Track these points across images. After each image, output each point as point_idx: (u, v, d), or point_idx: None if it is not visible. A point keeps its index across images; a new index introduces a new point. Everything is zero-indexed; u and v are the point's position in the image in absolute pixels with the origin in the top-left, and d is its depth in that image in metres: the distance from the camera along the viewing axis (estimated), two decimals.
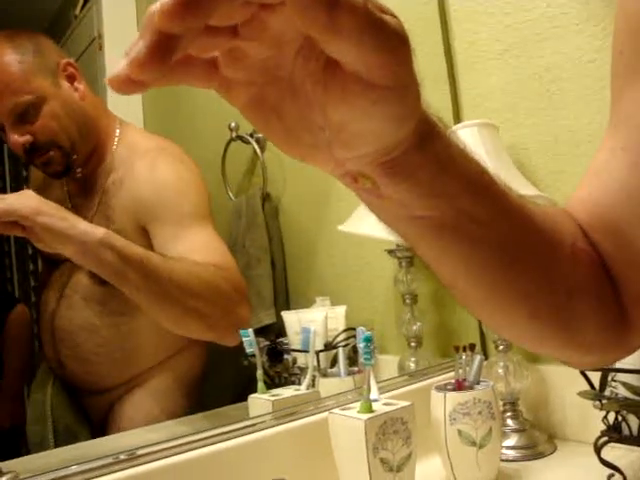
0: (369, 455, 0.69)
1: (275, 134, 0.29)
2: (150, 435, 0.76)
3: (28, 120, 0.87)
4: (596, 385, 0.78)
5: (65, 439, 0.91)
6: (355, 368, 0.94)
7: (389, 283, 1.10)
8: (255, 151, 1.23)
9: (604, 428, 0.77)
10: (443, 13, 1.15)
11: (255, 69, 0.26)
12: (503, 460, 0.87)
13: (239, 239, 1.20)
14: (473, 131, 0.95)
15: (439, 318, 1.12)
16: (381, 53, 0.24)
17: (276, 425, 0.77)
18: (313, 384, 0.87)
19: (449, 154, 0.33)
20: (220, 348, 0.90)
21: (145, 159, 0.95)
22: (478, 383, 0.83)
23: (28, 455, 0.89)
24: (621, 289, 0.42)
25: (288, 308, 1.14)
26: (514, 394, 0.94)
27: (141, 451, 0.66)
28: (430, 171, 0.32)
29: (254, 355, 0.86)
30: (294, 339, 1.03)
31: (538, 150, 1.00)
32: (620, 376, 0.78)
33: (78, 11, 1.21)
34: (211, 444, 0.71)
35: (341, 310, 1.06)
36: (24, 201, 0.73)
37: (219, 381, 1.08)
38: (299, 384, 0.88)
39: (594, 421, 0.78)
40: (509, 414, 0.94)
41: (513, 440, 0.91)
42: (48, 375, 0.96)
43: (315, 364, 0.90)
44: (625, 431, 0.76)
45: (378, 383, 0.83)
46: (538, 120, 1.00)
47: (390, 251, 1.04)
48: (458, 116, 1.12)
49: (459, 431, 0.78)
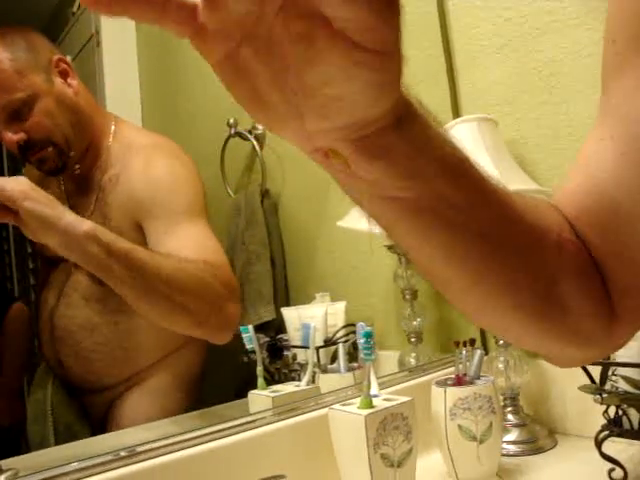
0: (370, 451, 0.69)
1: (246, 97, 0.28)
2: (150, 432, 0.76)
3: (22, 117, 0.87)
4: (596, 379, 0.78)
5: (65, 438, 0.91)
6: (355, 364, 0.94)
7: (389, 279, 1.10)
8: (254, 147, 1.23)
9: (605, 422, 0.77)
10: (442, 7, 1.14)
11: (234, 22, 0.25)
12: (504, 455, 0.87)
13: (238, 236, 1.20)
14: (472, 126, 0.95)
15: (439, 313, 1.12)
16: (378, 15, 0.24)
17: (276, 421, 0.77)
18: (313, 380, 0.87)
19: (427, 136, 0.33)
20: (219, 346, 0.89)
21: (140, 155, 0.94)
22: (478, 378, 0.83)
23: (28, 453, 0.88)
24: (608, 282, 0.42)
25: (288, 304, 1.14)
26: (514, 389, 0.94)
27: (141, 448, 0.66)
28: (405, 153, 0.31)
29: (254, 351, 0.86)
30: (294, 335, 1.03)
31: (538, 145, 1.00)
32: (621, 370, 0.77)
33: (75, 8, 1.21)
34: (211, 440, 0.71)
35: (341, 306, 1.06)
36: (14, 184, 0.72)
37: (219, 378, 1.08)
38: (299, 380, 0.88)
39: (594, 415, 0.78)
40: (509, 409, 0.94)
41: (514, 435, 0.91)
42: (48, 375, 0.95)
43: (315, 360, 0.90)
44: (626, 425, 0.76)
45: (378, 379, 0.83)
46: (538, 114, 1.00)
47: (390, 247, 1.04)
48: (457, 111, 1.12)
49: (459, 426, 0.78)
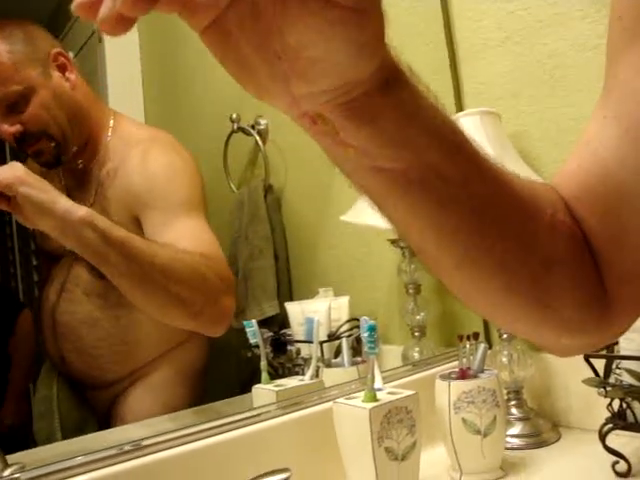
0: (374, 444, 0.69)
1: (232, 63, 0.28)
2: (154, 427, 0.76)
3: (18, 110, 0.87)
4: (600, 372, 0.78)
5: (72, 433, 0.91)
6: (359, 358, 0.94)
7: (392, 273, 1.09)
8: (257, 143, 1.23)
9: (609, 415, 0.77)
10: (445, 0, 1.14)
11: None
12: (507, 448, 0.87)
13: (242, 231, 1.20)
14: (475, 119, 0.95)
15: (442, 307, 1.12)
16: None
17: (280, 415, 0.77)
18: (317, 374, 0.88)
19: (418, 105, 0.32)
20: (223, 340, 0.89)
21: (138, 149, 0.94)
22: (482, 372, 0.83)
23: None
24: (604, 268, 0.40)
25: (291, 299, 1.14)
26: (518, 382, 0.94)
27: (146, 442, 0.67)
28: (394, 119, 0.31)
29: (258, 346, 0.86)
30: (297, 330, 1.03)
31: (541, 138, 1.00)
32: (625, 363, 0.78)
33: None
34: (216, 434, 0.71)
35: (344, 301, 1.06)
36: (10, 170, 0.72)
37: (222, 373, 1.08)
38: (303, 375, 0.88)
39: (598, 408, 0.78)
40: (513, 402, 0.94)
41: (517, 428, 0.91)
42: (52, 372, 0.96)
43: (319, 354, 0.90)
44: (630, 418, 0.76)
45: (382, 373, 0.83)
46: (541, 108, 1.00)
47: (393, 241, 1.03)
48: (460, 104, 1.12)
49: (463, 420, 0.78)
